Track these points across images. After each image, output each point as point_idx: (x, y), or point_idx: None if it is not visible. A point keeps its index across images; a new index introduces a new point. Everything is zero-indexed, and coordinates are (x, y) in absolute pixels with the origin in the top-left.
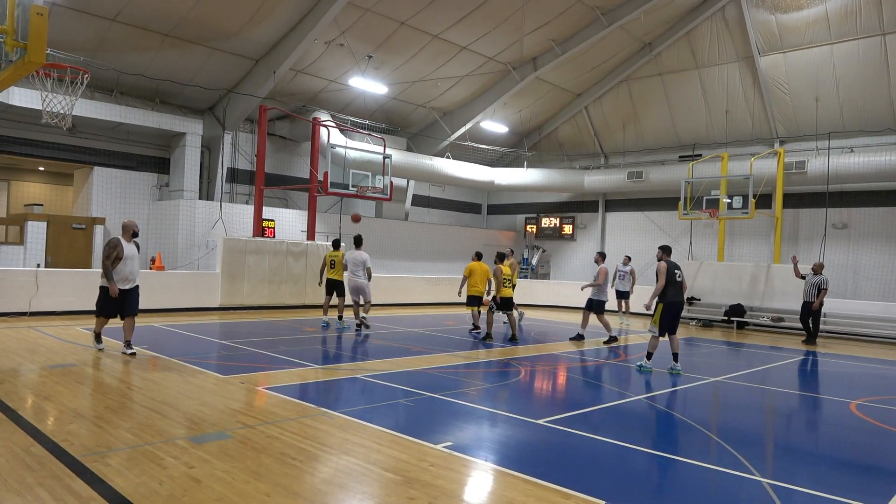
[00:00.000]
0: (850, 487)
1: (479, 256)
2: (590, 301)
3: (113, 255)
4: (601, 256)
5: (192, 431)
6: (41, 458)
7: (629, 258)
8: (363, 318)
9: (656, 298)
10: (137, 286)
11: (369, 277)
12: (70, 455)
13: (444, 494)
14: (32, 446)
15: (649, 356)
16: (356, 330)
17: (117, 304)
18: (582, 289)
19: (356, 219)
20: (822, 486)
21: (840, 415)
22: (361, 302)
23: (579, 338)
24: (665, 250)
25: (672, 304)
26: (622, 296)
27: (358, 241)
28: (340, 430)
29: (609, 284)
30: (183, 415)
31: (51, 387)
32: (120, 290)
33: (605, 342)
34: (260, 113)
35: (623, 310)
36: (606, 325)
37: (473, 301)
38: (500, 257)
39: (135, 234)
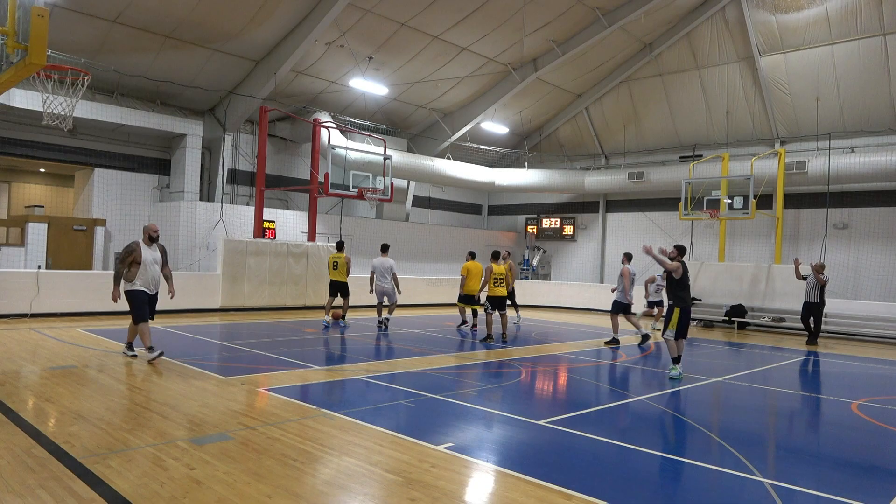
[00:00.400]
0: (851, 487)
1: (472, 256)
2: (614, 303)
3: (128, 260)
4: (627, 258)
5: (193, 433)
6: (42, 460)
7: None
8: (385, 318)
9: (673, 302)
10: (157, 293)
11: (396, 282)
12: (71, 457)
13: (446, 495)
14: (34, 448)
15: (676, 360)
16: (378, 328)
17: (149, 306)
18: (627, 299)
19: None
20: (823, 487)
21: (841, 415)
22: (386, 303)
23: (644, 338)
24: (681, 251)
25: (687, 307)
26: (653, 305)
27: (384, 248)
28: (341, 431)
29: (631, 287)
30: (184, 416)
31: (52, 388)
32: (147, 293)
33: (606, 342)
34: (260, 114)
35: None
36: (615, 327)
37: (467, 300)
38: (494, 256)
39: (152, 239)
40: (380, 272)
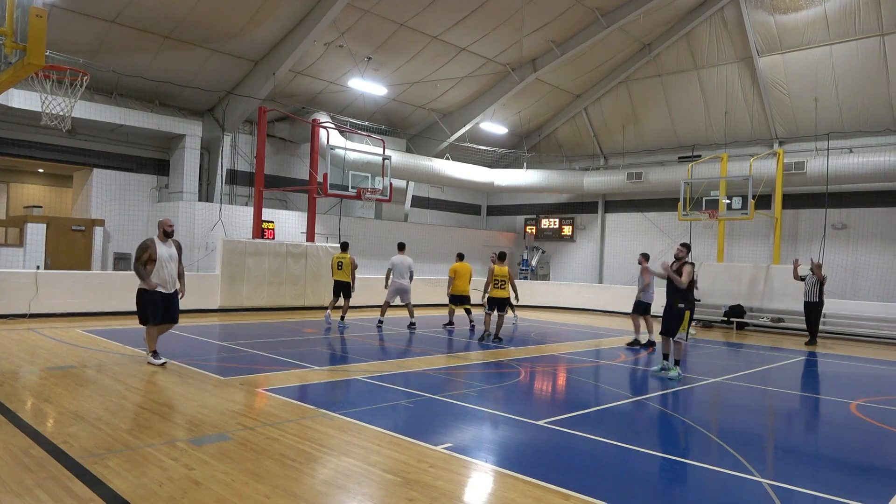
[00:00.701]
0: (850, 488)
1: (460, 257)
2: (636, 304)
3: (144, 258)
4: (644, 257)
5: (191, 433)
6: (41, 460)
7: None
8: (411, 322)
9: (684, 305)
10: (177, 291)
11: (411, 279)
12: (69, 457)
13: (444, 496)
14: (32, 448)
15: (678, 363)
16: (378, 328)
17: (161, 308)
18: (649, 299)
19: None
20: (822, 487)
21: (840, 415)
22: (396, 303)
23: (650, 343)
24: (688, 248)
25: (694, 308)
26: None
27: (402, 247)
28: (340, 431)
29: (654, 285)
30: (183, 416)
31: (50, 389)
32: (162, 293)
33: (628, 344)
34: (259, 114)
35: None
36: (637, 328)
37: (456, 300)
38: (501, 257)
39: (167, 234)
40: (399, 270)
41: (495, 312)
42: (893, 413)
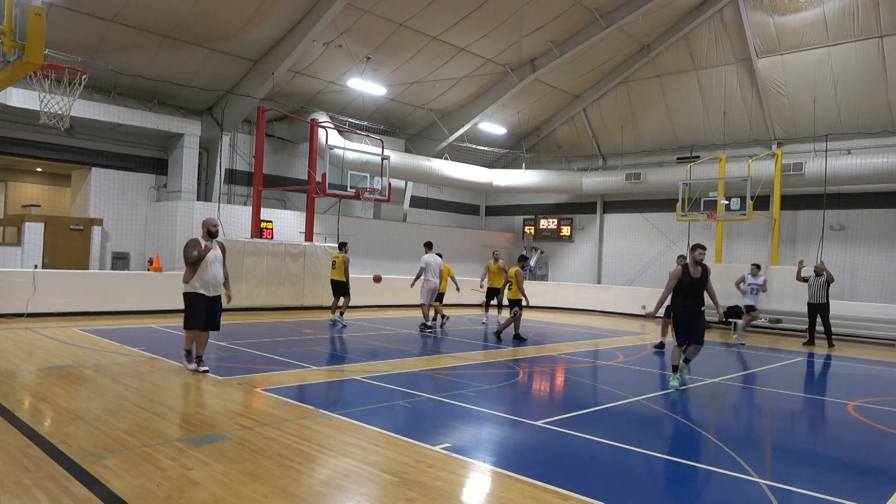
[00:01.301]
0: (847, 488)
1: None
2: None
3: (194, 256)
4: (683, 260)
5: (189, 433)
6: (38, 460)
7: (758, 267)
8: (423, 322)
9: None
10: (220, 296)
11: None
12: (67, 457)
13: (443, 496)
14: (29, 448)
15: (676, 368)
16: (441, 327)
17: (206, 312)
18: None
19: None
20: (819, 488)
21: (838, 416)
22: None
23: (660, 346)
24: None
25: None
26: (749, 309)
27: (430, 245)
28: (338, 431)
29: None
30: (180, 416)
31: (48, 388)
32: (206, 296)
33: (655, 345)
34: (258, 114)
35: (746, 322)
36: (665, 331)
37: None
38: (521, 259)
39: (211, 234)
40: (432, 270)
41: (489, 311)
42: (891, 414)
